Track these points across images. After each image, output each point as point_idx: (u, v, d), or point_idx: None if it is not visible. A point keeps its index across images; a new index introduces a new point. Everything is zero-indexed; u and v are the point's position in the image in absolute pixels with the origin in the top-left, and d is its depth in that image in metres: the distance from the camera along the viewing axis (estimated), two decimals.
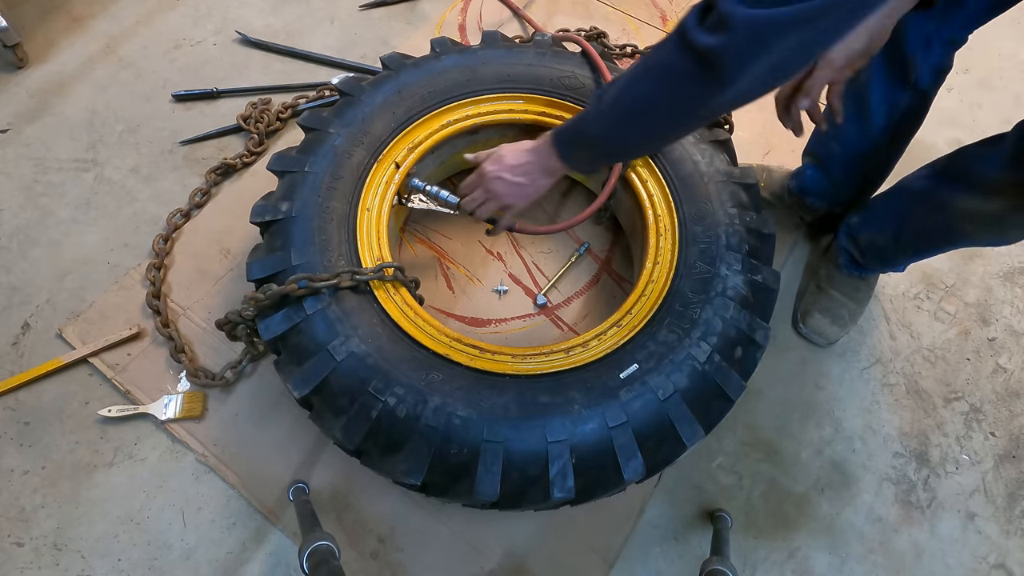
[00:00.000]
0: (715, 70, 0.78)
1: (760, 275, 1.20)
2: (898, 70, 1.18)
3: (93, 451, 1.32)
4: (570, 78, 1.39)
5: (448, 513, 1.27)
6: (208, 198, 1.62)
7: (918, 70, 1.17)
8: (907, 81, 1.19)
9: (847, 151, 1.35)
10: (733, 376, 1.11)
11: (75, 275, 1.51)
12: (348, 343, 1.07)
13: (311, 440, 1.32)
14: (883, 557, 1.28)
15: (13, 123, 1.73)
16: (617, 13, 2.01)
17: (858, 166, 1.38)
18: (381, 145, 1.29)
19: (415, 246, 1.56)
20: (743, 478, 1.34)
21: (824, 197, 1.48)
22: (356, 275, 1.11)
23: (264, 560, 1.23)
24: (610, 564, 1.24)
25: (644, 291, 1.20)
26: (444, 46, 1.43)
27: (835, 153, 1.38)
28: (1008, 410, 1.43)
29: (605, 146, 1.03)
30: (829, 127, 1.22)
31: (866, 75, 1.21)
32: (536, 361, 1.12)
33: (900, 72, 1.18)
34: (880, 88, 1.22)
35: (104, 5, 1.96)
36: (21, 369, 1.38)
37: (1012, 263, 1.61)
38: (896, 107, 1.24)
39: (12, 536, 1.24)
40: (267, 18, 1.97)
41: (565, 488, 1.01)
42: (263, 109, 1.73)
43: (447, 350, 1.10)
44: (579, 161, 1.09)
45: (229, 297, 1.48)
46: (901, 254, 1.35)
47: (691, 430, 1.07)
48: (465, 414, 1.02)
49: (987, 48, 1.96)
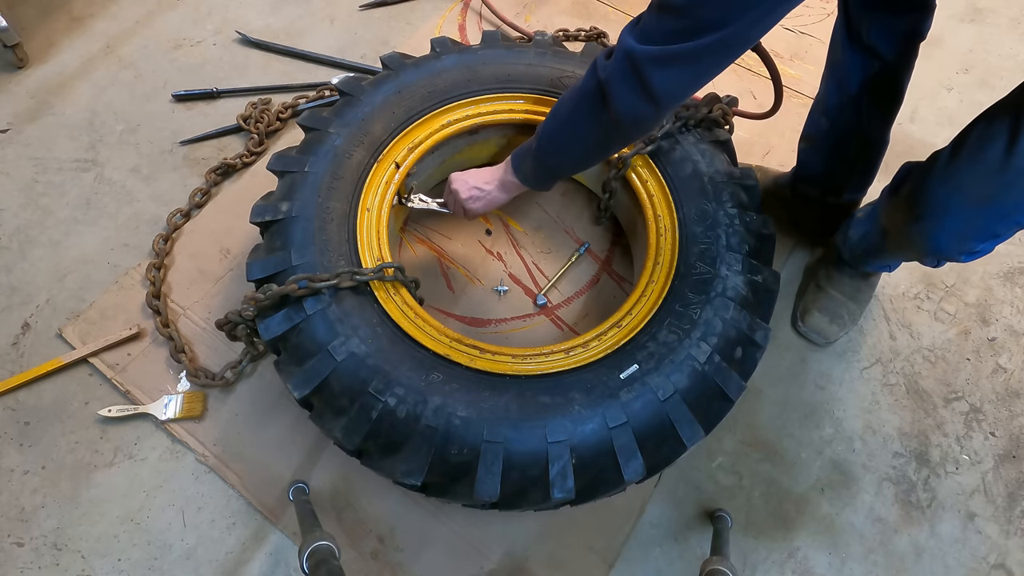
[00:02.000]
0: (604, 93, 0.95)
1: (760, 276, 1.20)
2: (858, 43, 1.22)
3: (93, 451, 1.31)
4: (570, 78, 1.39)
5: (448, 513, 1.27)
6: (208, 198, 1.62)
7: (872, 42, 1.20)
8: (872, 52, 1.22)
9: (833, 124, 1.37)
10: (733, 376, 1.11)
11: (75, 275, 1.51)
12: (348, 343, 1.07)
13: (311, 440, 1.32)
14: (883, 557, 1.28)
15: (13, 123, 1.73)
16: (617, 13, 2.02)
17: (845, 143, 1.39)
18: (381, 145, 1.29)
19: (415, 246, 1.56)
20: (743, 478, 1.34)
21: (817, 182, 1.49)
22: (356, 275, 1.11)
23: (264, 560, 1.23)
24: (610, 564, 1.24)
25: (644, 291, 1.20)
26: (444, 46, 1.43)
27: (823, 128, 1.39)
28: (1008, 410, 1.43)
29: (543, 160, 1.14)
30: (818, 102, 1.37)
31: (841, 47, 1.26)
32: (536, 361, 1.12)
33: (860, 45, 1.22)
34: (851, 57, 1.25)
35: (104, 5, 1.96)
36: (21, 369, 1.38)
37: (1012, 263, 1.61)
38: (868, 75, 1.26)
39: (12, 536, 1.24)
40: (267, 18, 1.97)
41: (565, 488, 1.01)
42: (263, 109, 1.72)
43: (447, 350, 1.10)
44: (526, 175, 1.19)
45: (229, 297, 1.48)
46: (888, 254, 1.36)
47: (691, 430, 1.07)
48: (465, 414, 1.02)
49: (987, 48, 1.96)
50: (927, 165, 1.08)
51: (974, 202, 1.00)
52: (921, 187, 1.07)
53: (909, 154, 1.35)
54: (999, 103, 0.97)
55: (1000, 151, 0.94)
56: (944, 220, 1.05)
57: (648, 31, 0.88)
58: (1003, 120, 0.94)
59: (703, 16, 0.82)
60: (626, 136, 1.06)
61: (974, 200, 1.00)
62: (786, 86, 1.87)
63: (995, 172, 0.95)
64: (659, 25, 0.87)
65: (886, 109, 1.34)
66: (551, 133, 1.10)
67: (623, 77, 0.91)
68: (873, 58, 1.23)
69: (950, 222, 1.04)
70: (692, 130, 1.34)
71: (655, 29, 0.87)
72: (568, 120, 1.06)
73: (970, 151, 0.99)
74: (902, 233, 1.16)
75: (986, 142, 0.96)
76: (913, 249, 1.17)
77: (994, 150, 0.94)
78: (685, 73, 0.89)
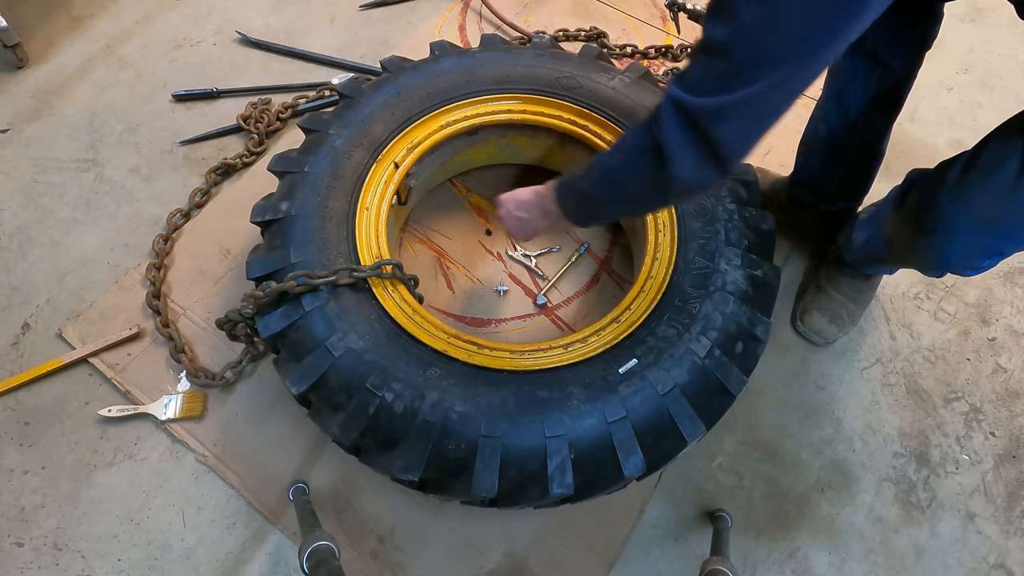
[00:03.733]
0: (662, 155, 0.84)
1: (760, 270, 1.20)
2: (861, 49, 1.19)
3: (93, 451, 1.32)
4: (568, 78, 1.39)
5: (448, 513, 1.27)
6: (208, 198, 1.62)
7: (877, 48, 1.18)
8: (876, 60, 1.20)
9: (831, 131, 1.36)
10: (734, 371, 1.11)
11: (75, 275, 1.51)
12: (346, 339, 1.07)
13: (311, 440, 1.32)
14: (883, 557, 1.28)
15: (13, 123, 1.73)
16: (617, 13, 2.02)
17: (842, 150, 1.38)
18: (380, 145, 1.29)
19: (415, 246, 1.56)
20: (743, 478, 1.34)
21: (812, 188, 1.49)
22: (354, 272, 1.12)
23: (264, 560, 1.23)
24: (610, 564, 1.24)
25: (643, 287, 1.19)
26: (443, 49, 1.44)
27: (821, 133, 1.38)
28: (1008, 410, 1.43)
29: (586, 201, 1.07)
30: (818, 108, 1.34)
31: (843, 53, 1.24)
32: (534, 357, 1.12)
33: (864, 51, 1.20)
34: (852, 63, 1.23)
35: (104, 5, 1.96)
36: (21, 369, 1.38)
37: (1012, 263, 1.61)
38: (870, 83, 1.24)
39: (12, 536, 1.24)
40: (267, 18, 1.97)
41: (564, 484, 1.01)
42: (263, 109, 1.73)
43: (445, 346, 1.10)
44: (570, 209, 1.12)
45: (229, 297, 1.48)
46: (892, 263, 1.36)
47: (692, 425, 1.06)
48: (463, 409, 1.02)
49: (987, 48, 1.96)
50: (936, 178, 1.06)
51: (983, 222, 0.99)
52: (931, 202, 1.05)
53: (909, 154, 1.35)
54: (1013, 119, 0.96)
55: (1013, 172, 0.92)
56: (952, 238, 1.03)
57: (696, 81, 0.79)
58: (1017, 140, 0.93)
59: (749, 51, 0.74)
60: (679, 199, 0.98)
61: (983, 220, 0.99)
62: None
63: (1006, 193, 0.94)
64: (706, 71, 0.79)
65: (885, 118, 1.33)
66: (601, 180, 1.00)
67: (682, 137, 0.82)
68: (876, 65, 1.21)
69: (958, 240, 1.03)
70: None
71: (702, 77, 0.79)
72: (620, 176, 0.97)
73: (982, 170, 0.97)
74: (908, 247, 1.14)
75: (998, 162, 0.94)
76: (919, 262, 1.15)
77: (1007, 171, 0.93)
78: (748, 123, 0.80)
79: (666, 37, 1.96)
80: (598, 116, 1.37)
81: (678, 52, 1.89)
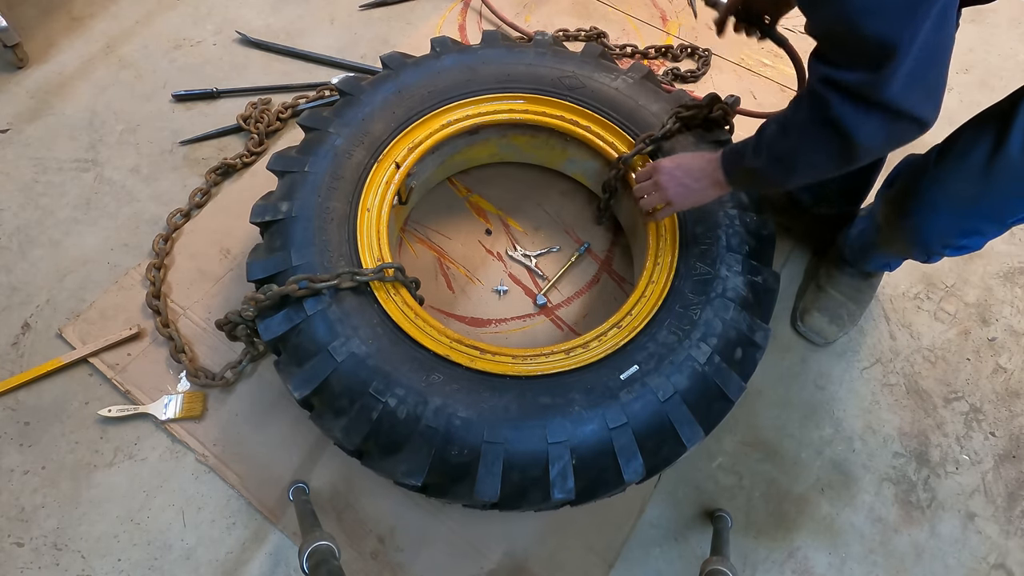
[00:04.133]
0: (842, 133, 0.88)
1: (760, 276, 1.20)
2: None
3: (93, 451, 1.31)
4: (570, 78, 1.39)
5: (448, 513, 1.27)
6: (208, 198, 1.62)
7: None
8: None
9: None
10: (733, 377, 1.12)
11: (75, 275, 1.51)
12: (349, 344, 1.07)
13: (311, 440, 1.32)
14: (883, 557, 1.28)
15: (13, 123, 1.72)
16: (617, 13, 2.01)
17: None
18: (381, 145, 1.29)
19: (415, 246, 1.55)
20: (743, 478, 1.34)
21: (810, 189, 1.49)
22: (357, 276, 1.11)
23: (264, 560, 1.23)
24: (610, 564, 1.24)
25: (644, 292, 1.20)
26: (444, 45, 1.43)
27: None
28: (1008, 410, 1.43)
29: (761, 177, 1.07)
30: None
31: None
32: (536, 362, 1.12)
33: None
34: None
35: (104, 5, 1.96)
36: (21, 369, 1.38)
37: (1012, 263, 1.61)
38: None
39: (12, 536, 1.24)
40: (267, 18, 1.96)
41: (565, 489, 1.01)
42: (263, 109, 1.72)
43: (447, 351, 1.10)
44: (739, 184, 1.12)
45: (229, 297, 1.48)
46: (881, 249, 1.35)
47: (691, 431, 1.07)
48: (466, 415, 1.02)
49: (987, 48, 1.95)
50: (919, 164, 1.13)
51: (959, 203, 1.06)
52: (912, 186, 1.13)
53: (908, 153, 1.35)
54: (990, 109, 1.02)
55: (983, 157, 0.99)
56: (930, 217, 1.11)
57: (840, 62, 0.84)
58: (990, 127, 0.99)
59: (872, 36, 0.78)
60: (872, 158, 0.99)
61: (959, 201, 1.05)
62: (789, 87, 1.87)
63: (978, 176, 1.01)
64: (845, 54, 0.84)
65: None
66: (775, 160, 1.01)
67: (854, 108, 0.85)
68: None
69: (935, 219, 1.10)
70: (692, 130, 1.34)
71: (845, 59, 0.84)
72: (794, 156, 0.98)
73: (956, 155, 1.05)
74: (892, 227, 1.20)
75: (971, 147, 1.01)
76: (901, 242, 1.21)
77: (978, 155, 1.00)
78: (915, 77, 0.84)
79: (666, 37, 1.96)
80: (600, 117, 1.37)
81: (678, 52, 1.89)
